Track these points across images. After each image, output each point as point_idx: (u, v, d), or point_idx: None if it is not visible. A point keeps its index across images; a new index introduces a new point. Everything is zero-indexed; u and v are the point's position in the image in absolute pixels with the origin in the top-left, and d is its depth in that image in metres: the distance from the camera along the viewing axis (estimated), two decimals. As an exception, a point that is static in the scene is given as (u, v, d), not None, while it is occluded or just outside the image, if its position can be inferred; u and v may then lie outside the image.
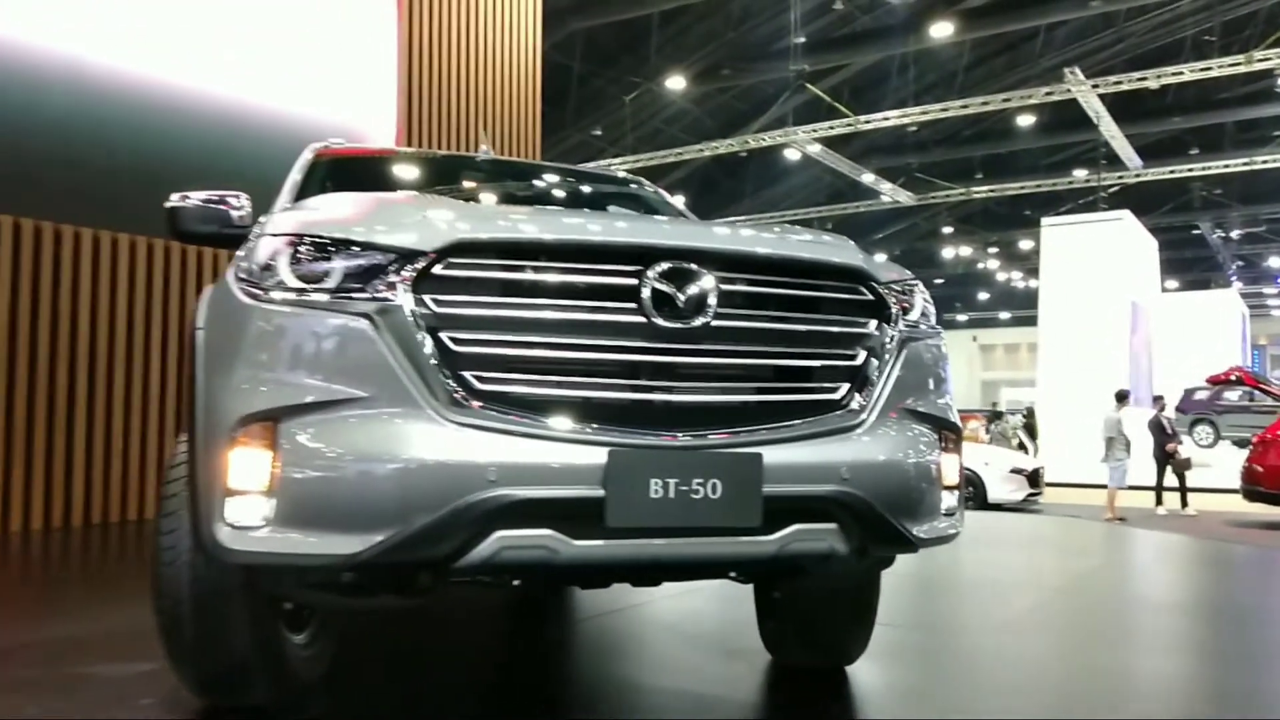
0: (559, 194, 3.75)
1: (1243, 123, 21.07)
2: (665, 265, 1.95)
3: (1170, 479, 11.38)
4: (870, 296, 2.17)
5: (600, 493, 1.84)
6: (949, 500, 2.25)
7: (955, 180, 24.27)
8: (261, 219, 2.78)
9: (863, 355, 2.14)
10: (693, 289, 1.95)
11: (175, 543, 2.15)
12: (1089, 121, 19.36)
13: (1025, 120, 20.92)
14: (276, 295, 1.93)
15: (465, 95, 8.84)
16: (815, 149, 19.92)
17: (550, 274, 1.93)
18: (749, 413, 2.01)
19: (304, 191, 3.09)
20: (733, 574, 2.32)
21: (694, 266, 1.96)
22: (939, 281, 33.57)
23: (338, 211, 2.12)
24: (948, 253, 29.75)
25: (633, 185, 3.89)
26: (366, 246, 1.92)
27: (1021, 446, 15.51)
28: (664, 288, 1.94)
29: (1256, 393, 14.58)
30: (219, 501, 1.86)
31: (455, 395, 1.85)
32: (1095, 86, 16.05)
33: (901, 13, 19.07)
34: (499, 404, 1.87)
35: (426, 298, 1.87)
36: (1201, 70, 15.48)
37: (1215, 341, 19.57)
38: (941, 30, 17.67)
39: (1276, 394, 12.06)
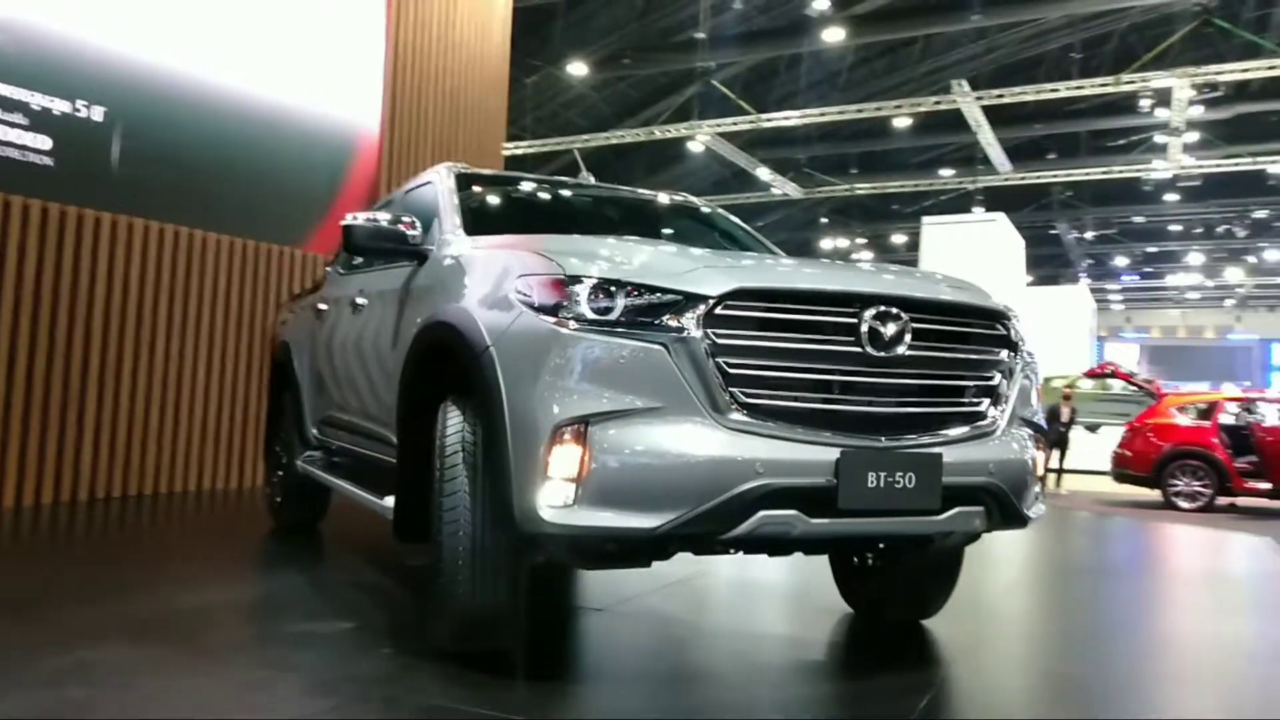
0: (658, 220, 4.35)
1: (1095, 131, 23.43)
2: (877, 309, 2.56)
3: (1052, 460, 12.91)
4: (1003, 332, 2.84)
5: (834, 482, 2.45)
6: (1038, 487, 2.98)
7: (834, 174, 25.78)
8: (447, 236, 3.31)
9: (998, 377, 2.81)
10: (893, 327, 2.56)
11: (457, 516, 2.61)
12: (962, 124, 21.07)
13: (903, 122, 22.50)
14: (581, 324, 2.45)
15: (442, 93, 9.05)
16: (714, 141, 20.79)
17: (797, 314, 2.50)
18: (930, 421, 2.65)
19: (465, 214, 3.55)
20: (908, 546, 2.97)
21: (895, 310, 2.58)
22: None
23: (619, 255, 2.65)
24: (825, 244, 31.42)
25: (712, 217, 4.51)
26: (663, 290, 2.46)
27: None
28: (875, 325, 2.55)
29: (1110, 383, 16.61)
30: (539, 486, 2.38)
31: (730, 406, 2.42)
32: (980, 99, 17.55)
33: (795, 15, 20.18)
34: (760, 413, 2.44)
35: (710, 331, 2.42)
36: (1075, 88, 17.22)
37: (1070, 333, 21.83)
38: (833, 35, 18.80)
39: (1144, 386, 13.84)
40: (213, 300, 6.96)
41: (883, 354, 2.56)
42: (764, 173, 23.00)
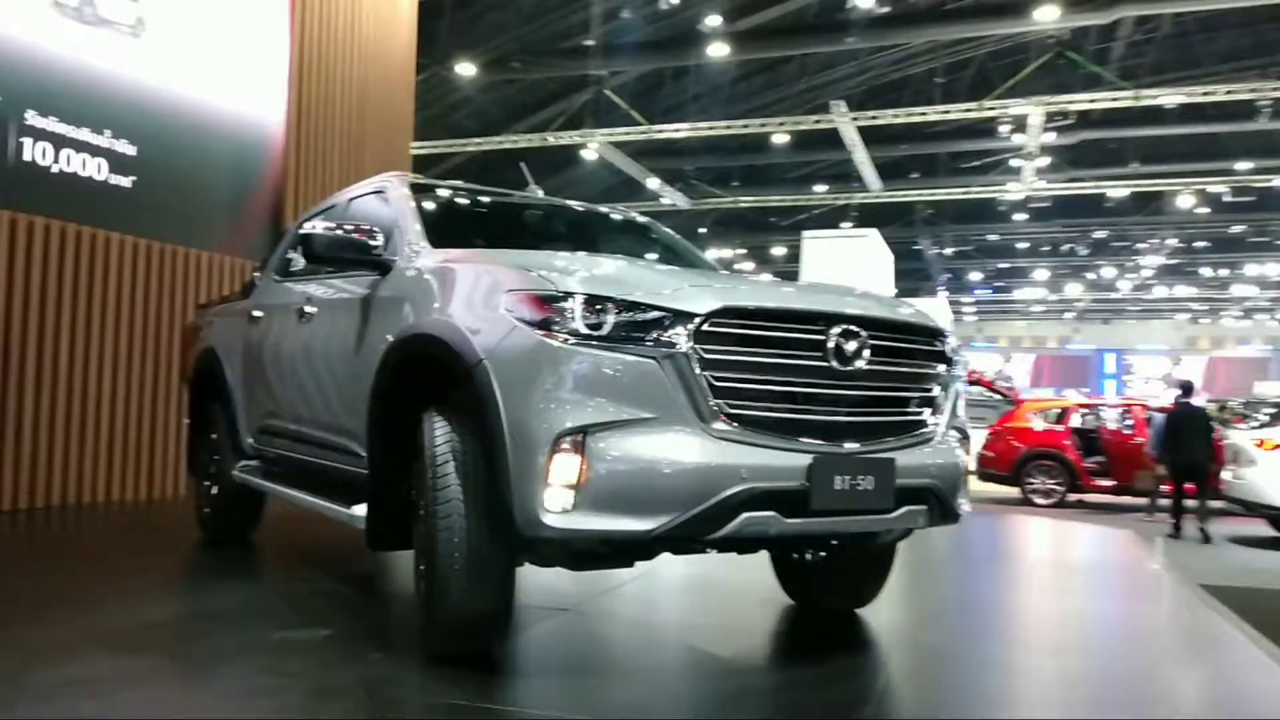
0: (608, 234, 4.59)
1: (953, 153, 25.06)
2: (841, 327, 2.88)
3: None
4: (940, 348, 3.23)
5: (807, 485, 2.75)
6: (966, 487, 3.38)
7: (718, 185, 26.57)
8: (412, 248, 3.43)
9: (937, 389, 3.19)
10: (854, 343, 2.89)
11: (452, 524, 2.75)
12: (836, 142, 22.16)
13: (782, 138, 23.42)
14: (576, 339, 2.65)
15: (349, 92, 8.93)
16: (606, 149, 21.10)
17: (774, 331, 2.78)
18: (884, 429, 2.99)
19: (426, 224, 3.65)
20: (859, 541, 3.29)
21: (855, 328, 2.91)
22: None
23: (603, 272, 2.87)
24: (710, 254, 32.20)
25: (653, 231, 4.75)
26: (653, 307, 2.68)
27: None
28: (840, 342, 2.87)
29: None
30: (540, 492, 2.57)
31: (716, 417, 2.68)
32: (855, 119, 18.54)
33: (681, 28, 20.75)
34: (743, 423, 2.71)
35: (698, 346, 2.67)
36: (943, 112, 18.44)
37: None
38: (718, 50, 19.45)
39: (1003, 392, 14.99)
40: (116, 304, 6.72)
41: (846, 368, 2.87)
42: (654, 182, 23.47)
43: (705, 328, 2.68)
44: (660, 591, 4.43)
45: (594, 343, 2.64)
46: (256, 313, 4.83)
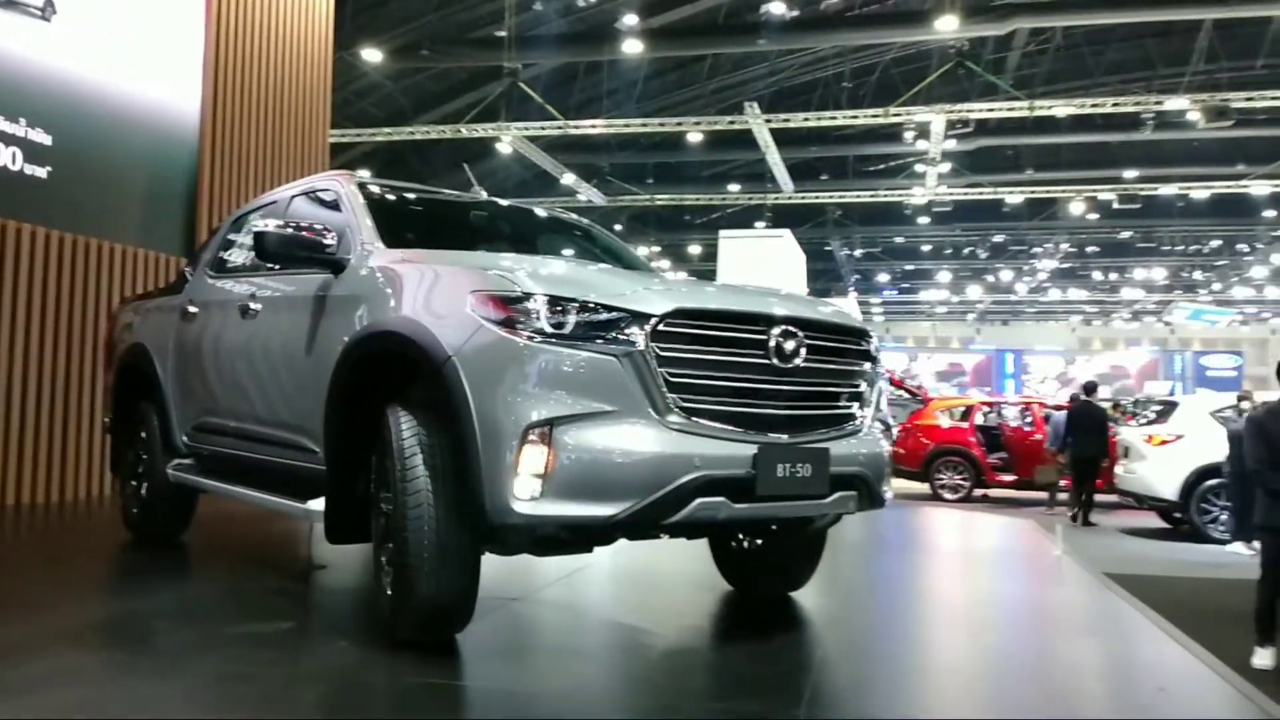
0: (550, 235, 4.81)
1: (860, 156, 26.07)
2: (781, 328, 3.19)
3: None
4: (867, 347, 3.58)
5: (753, 473, 3.05)
6: (889, 475, 3.75)
7: (632, 182, 26.94)
8: (367, 247, 3.59)
9: (863, 384, 3.54)
10: (793, 343, 3.20)
11: (421, 514, 2.94)
12: (749, 142, 22.81)
13: (696, 137, 23.94)
14: (541, 338, 2.89)
15: (266, 79, 8.87)
16: (520, 143, 21.17)
17: (722, 331, 3.08)
18: (818, 421, 3.32)
19: (378, 225, 3.80)
20: (796, 525, 3.61)
21: (793, 329, 3.23)
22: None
23: (562, 274, 3.13)
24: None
25: (594, 231, 5.00)
26: (613, 308, 2.94)
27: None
28: (780, 341, 3.18)
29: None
30: (510, 482, 2.80)
31: (671, 410, 2.95)
32: (769, 121, 19.14)
33: (593, 22, 21.02)
34: (695, 415, 2.99)
35: (654, 345, 2.94)
36: (851, 116, 19.21)
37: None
38: (632, 46, 19.78)
39: (913, 391, 15.78)
40: (27, 297, 6.57)
41: (785, 365, 3.18)
42: (569, 178, 23.64)
43: (661, 327, 2.94)
44: (605, 580, 4.68)
45: (558, 341, 2.88)
46: (191, 308, 4.87)
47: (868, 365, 3.57)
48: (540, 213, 5.07)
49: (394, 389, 3.26)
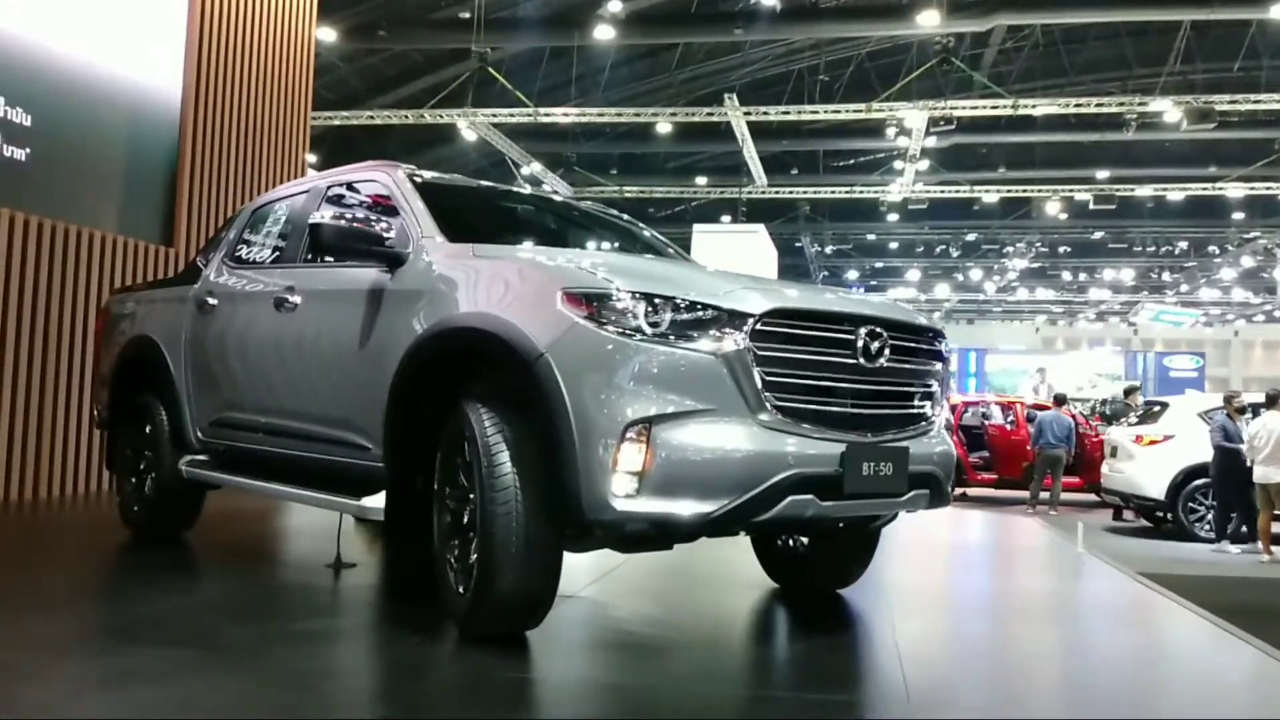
0: (596, 229, 4.94)
1: (830, 151, 26.48)
2: (867, 327, 3.34)
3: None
4: (939, 347, 3.75)
5: (841, 471, 3.20)
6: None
7: (596, 172, 27.01)
8: (429, 240, 3.66)
9: (934, 385, 3.72)
10: (878, 343, 3.36)
11: (510, 509, 3.03)
12: (720, 134, 23.03)
13: (665, 127, 24.11)
14: (640, 336, 3.00)
15: (247, 62, 8.78)
16: (484, 130, 21.11)
17: (814, 330, 3.23)
18: (897, 420, 3.48)
19: (435, 217, 3.86)
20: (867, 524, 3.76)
21: (879, 329, 3.38)
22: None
23: (652, 272, 3.24)
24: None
25: (635, 227, 5.11)
26: (711, 307, 3.06)
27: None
28: (867, 341, 3.33)
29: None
30: (607, 479, 2.91)
31: (765, 408, 3.08)
32: (748, 114, 19.37)
33: (560, 6, 21.06)
34: (788, 414, 3.13)
35: (753, 344, 3.07)
36: (833, 111, 19.53)
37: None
38: (604, 33, 19.86)
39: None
40: (4, 286, 6.46)
41: (870, 364, 3.35)
42: (535, 167, 23.61)
43: (759, 327, 3.08)
44: (647, 576, 4.76)
45: (655, 339, 3.00)
46: (210, 300, 4.86)
47: (939, 365, 3.73)
48: (584, 206, 5.16)
49: (465, 385, 3.33)
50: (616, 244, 4.87)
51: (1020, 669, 3.60)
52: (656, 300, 3.03)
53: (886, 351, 3.37)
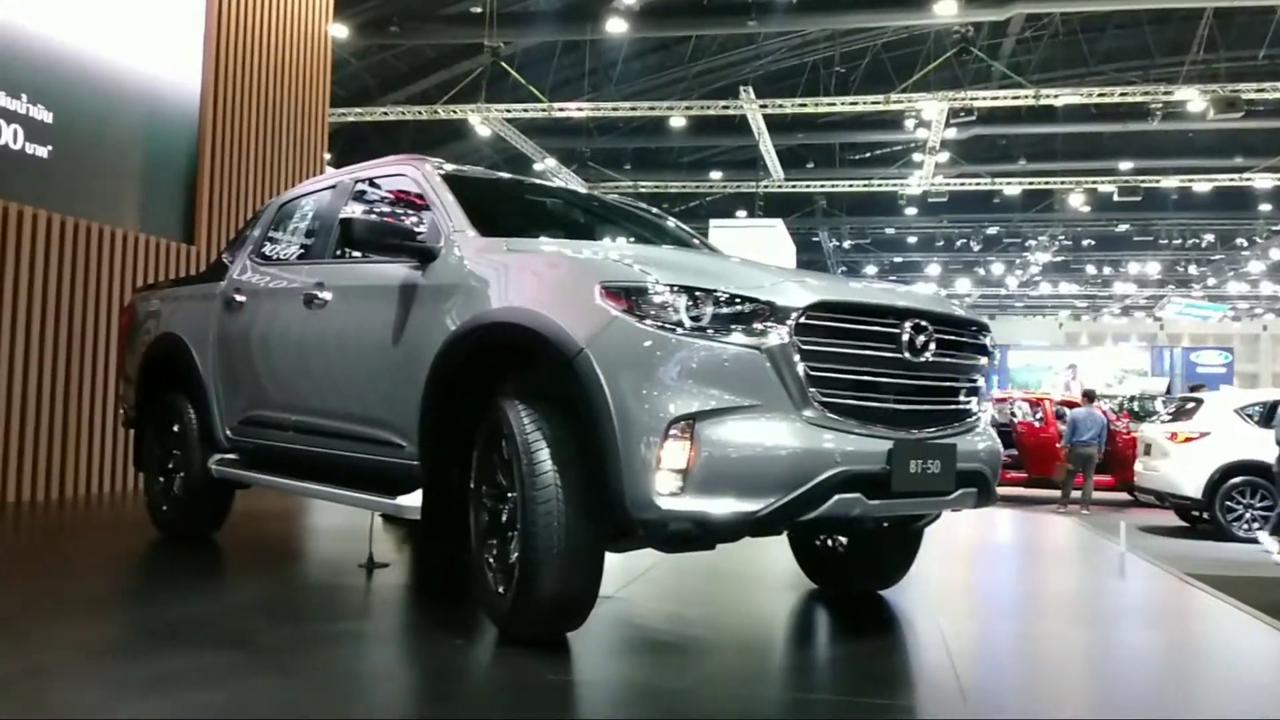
0: (624, 222, 4.93)
1: (845, 144, 26.39)
2: (913, 321, 3.32)
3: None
4: (985, 342, 3.73)
5: (888, 469, 3.17)
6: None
7: (610, 167, 26.99)
8: (462, 235, 3.64)
9: (980, 379, 3.69)
10: (923, 336, 3.34)
11: (551, 509, 3.00)
12: (735, 128, 22.99)
13: (679, 121, 24.07)
14: (682, 330, 2.97)
15: (266, 58, 8.81)
16: (499, 126, 21.13)
17: (859, 324, 3.20)
18: (944, 416, 3.46)
19: (465, 211, 3.85)
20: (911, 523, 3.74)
21: (924, 322, 3.36)
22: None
23: (693, 265, 3.22)
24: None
25: (666, 221, 5.09)
26: (753, 300, 3.04)
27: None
28: (913, 335, 3.31)
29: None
30: (651, 477, 2.87)
31: (811, 404, 3.06)
32: (764, 107, 19.32)
33: (573, 1, 21.04)
34: (834, 410, 3.11)
35: (797, 338, 3.05)
36: (850, 103, 19.47)
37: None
38: (616, 26, 19.84)
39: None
40: (29, 285, 6.50)
41: (916, 359, 3.32)
42: (550, 162, 23.62)
43: (803, 320, 3.05)
44: (683, 577, 4.75)
45: (697, 334, 2.96)
46: (238, 297, 4.88)
47: (983, 360, 3.70)
48: (612, 199, 5.15)
49: (501, 382, 3.31)
50: (645, 237, 4.86)
51: (1076, 671, 3.57)
52: (697, 294, 3.00)
53: (932, 345, 3.34)
